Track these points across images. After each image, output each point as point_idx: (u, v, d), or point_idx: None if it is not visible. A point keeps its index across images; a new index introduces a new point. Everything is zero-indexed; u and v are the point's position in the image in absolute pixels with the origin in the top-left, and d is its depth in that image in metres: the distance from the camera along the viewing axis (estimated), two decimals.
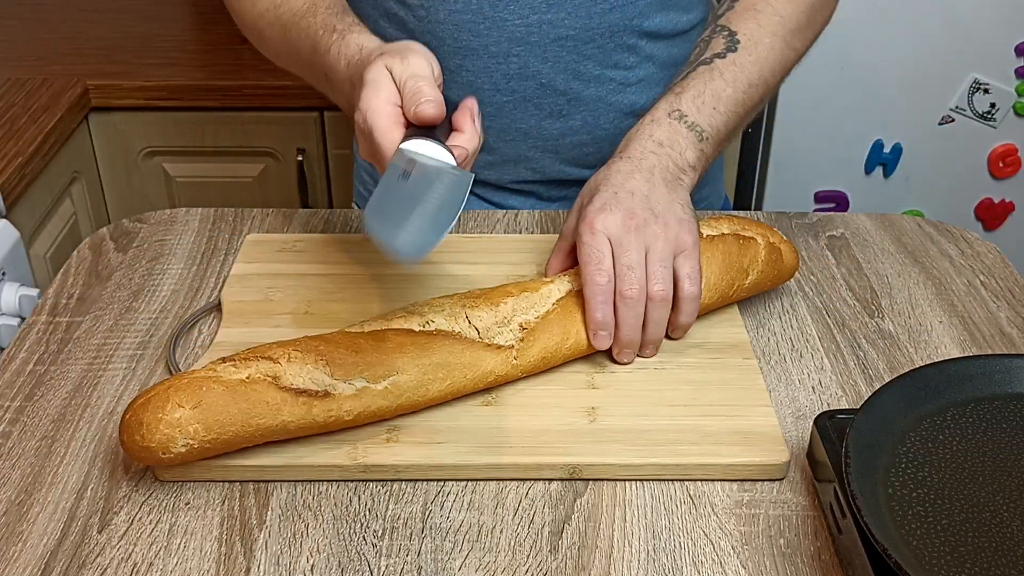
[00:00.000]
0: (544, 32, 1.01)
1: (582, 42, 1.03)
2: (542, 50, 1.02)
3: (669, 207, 0.84)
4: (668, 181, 0.86)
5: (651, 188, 0.85)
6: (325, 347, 0.74)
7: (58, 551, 0.69)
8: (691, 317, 0.84)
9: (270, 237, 1.00)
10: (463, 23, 1.01)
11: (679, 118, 0.89)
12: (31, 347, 0.87)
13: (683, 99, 0.91)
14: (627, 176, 0.86)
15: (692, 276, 0.83)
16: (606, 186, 0.86)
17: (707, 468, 0.74)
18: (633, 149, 0.88)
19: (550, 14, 1.00)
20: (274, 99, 1.66)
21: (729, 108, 0.92)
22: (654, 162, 0.87)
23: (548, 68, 1.03)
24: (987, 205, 1.81)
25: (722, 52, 0.93)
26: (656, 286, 0.82)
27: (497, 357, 0.78)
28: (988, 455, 0.69)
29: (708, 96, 0.91)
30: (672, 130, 0.89)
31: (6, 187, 1.38)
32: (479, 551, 0.69)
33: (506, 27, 1.01)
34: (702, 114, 0.90)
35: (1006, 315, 0.93)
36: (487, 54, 1.03)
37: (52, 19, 1.88)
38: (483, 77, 1.04)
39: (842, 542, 0.68)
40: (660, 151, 0.88)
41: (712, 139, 0.90)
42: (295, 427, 0.72)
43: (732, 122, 0.92)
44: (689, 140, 0.89)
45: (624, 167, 0.87)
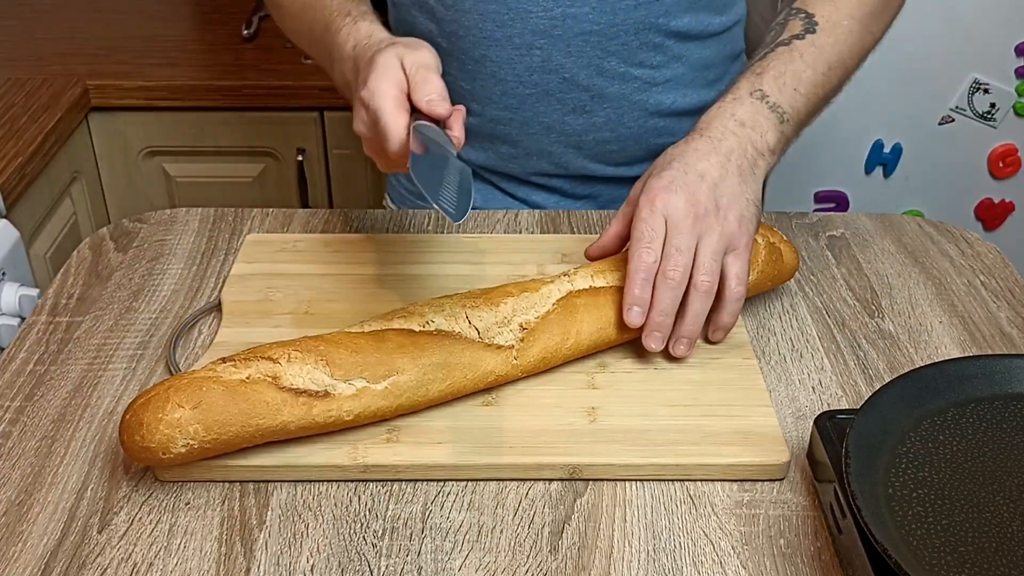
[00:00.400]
0: (568, 26, 1.01)
1: (606, 38, 1.02)
2: (565, 44, 1.02)
3: (735, 200, 0.83)
4: (743, 169, 0.84)
5: (723, 175, 0.83)
6: (325, 347, 0.74)
7: (58, 551, 0.69)
8: (733, 317, 0.84)
9: (270, 237, 1.00)
10: (488, 13, 1.01)
11: (761, 98, 0.88)
12: (31, 347, 0.87)
13: (764, 79, 0.89)
14: (702, 156, 0.84)
15: (740, 276, 0.82)
16: (679, 163, 0.84)
17: (707, 468, 0.74)
18: (714, 128, 0.86)
19: (574, 8, 1.00)
20: (274, 99, 1.66)
21: (809, 90, 0.90)
22: (733, 144, 0.85)
23: (571, 62, 1.03)
24: (987, 205, 1.81)
25: (800, 34, 0.92)
26: (702, 276, 0.81)
27: (497, 357, 0.78)
28: (988, 455, 0.69)
29: (789, 77, 0.89)
30: (754, 109, 0.87)
31: (6, 187, 1.38)
32: (479, 551, 0.69)
33: (530, 19, 1.01)
34: (784, 95, 0.88)
35: (1006, 315, 0.93)
36: (511, 45, 1.03)
37: (52, 19, 1.88)
38: (506, 68, 1.04)
39: (842, 542, 0.68)
40: (741, 132, 0.86)
41: (793, 121, 0.89)
42: (295, 427, 0.72)
43: (812, 104, 0.91)
44: (771, 121, 0.87)
45: (702, 146, 0.85)
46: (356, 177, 1.76)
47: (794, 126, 0.90)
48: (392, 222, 1.05)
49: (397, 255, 0.98)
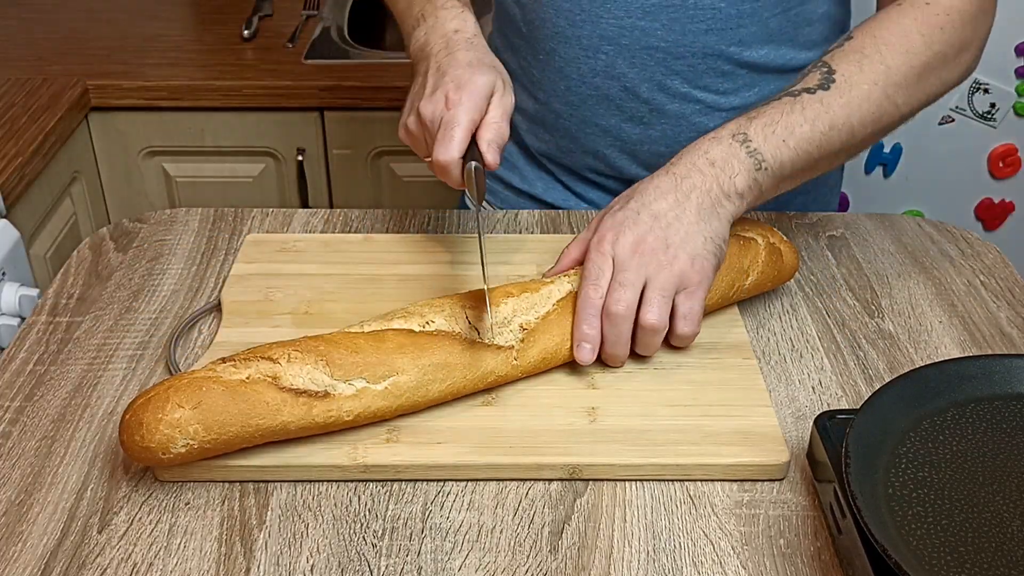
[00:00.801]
0: (635, 38, 1.01)
1: (672, 56, 1.02)
2: (631, 54, 1.02)
3: (688, 239, 0.82)
4: (702, 208, 0.83)
5: (679, 214, 0.83)
6: (325, 347, 0.74)
7: (58, 551, 0.69)
8: (683, 344, 0.84)
9: (270, 237, 1.00)
10: (562, 10, 1.02)
11: (742, 141, 0.85)
12: (31, 347, 0.87)
13: (753, 124, 0.86)
14: (660, 195, 0.84)
15: (688, 316, 0.82)
16: (636, 201, 0.84)
17: (707, 468, 0.74)
18: (681, 164, 0.85)
19: (644, 21, 1.00)
20: (274, 99, 1.66)
21: (800, 145, 0.85)
22: (696, 182, 0.84)
23: (634, 73, 1.03)
24: (987, 205, 1.81)
25: (812, 88, 0.88)
26: (649, 314, 0.80)
27: (497, 357, 0.78)
28: (988, 455, 0.69)
29: (780, 127, 0.85)
30: (730, 151, 0.85)
31: (6, 187, 1.38)
32: (479, 551, 0.69)
33: (600, 23, 1.01)
34: (768, 143, 0.85)
35: (1006, 315, 0.93)
36: (579, 45, 1.03)
37: (52, 19, 1.88)
38: (572, 66, 1.05)
39: (842, 542, 0.68)
40: (708, 171, 0.84)
41: (772, 172, 0.85)
42: (295, 427, 0.72)
43: (801, 160, 0.86)
44: (745, 165, 0.84)
45: (663, 184, 0.84)
46: (356, 177, 1.76)
47: (773, 177, 0.85)
48: (392, 222, 1.05)
49: (397, 255, 0.98)
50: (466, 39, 0.92)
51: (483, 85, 0.87)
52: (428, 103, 0.87)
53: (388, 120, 1.68)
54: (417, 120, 0.89)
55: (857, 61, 0.89)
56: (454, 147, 0.84)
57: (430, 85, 0.89)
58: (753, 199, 0.86)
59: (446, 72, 0.88)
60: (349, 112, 1.68)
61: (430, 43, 0.93)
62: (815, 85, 0.88)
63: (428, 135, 0.88)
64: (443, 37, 0.92)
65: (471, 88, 0.86)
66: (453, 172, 0.85)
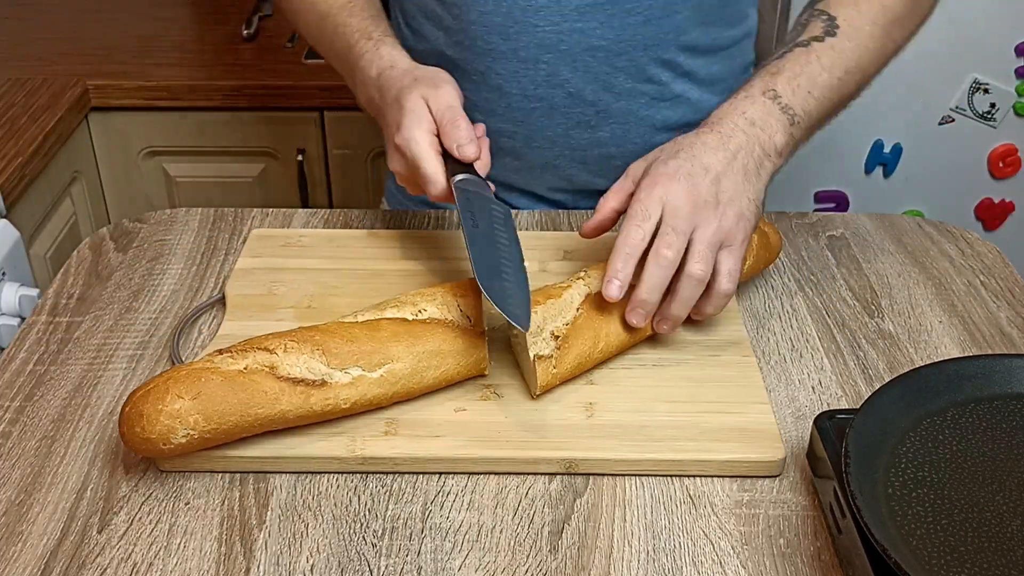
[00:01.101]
0: (575, 41, 1.00)
1: (614, 54, 1.01)
2: (572, 59, 1.01)
3: (736, 197, 0.82)
4: (748, 168, 0.84)
5: (727, 171, 0.83)
6: (321, 337, 0.75)
7: (58, 551, 0.69)
8: (717, 310, 0.84)
9: (275, 232, 1.01)
10: (493, 25, 1.00)
11: (773, 98, 0.86)
12: (31, 347, 0.87)
13: (779, 80, 0.87)
14: (710, 150, 0.83)
15: (731, 273, 0.82)
16: (686, 153, 0.83)
17: (704, 464, 0.74)
18: (725, 124, 0.85)
19: (581, 23, 0.99)
20: (274, 99, 1.66)
21: (824, 94, 0.89)
22: (741, 142, 0.84)
23: (578, 77, 1.02)
24: (987, 205, 1.81)
25: (820, 36, 0.90)
26: (697, 265, 0.80)
27: (539, 367, 0.77)
28: (988, 455, 0.69)
29: (804, 79, 0.88)
30: (765, 109, 0.86)
31: (6, 187, 1.38)
32: (479, 551, 0.69)
33: (536, 33, 1.00)
34: (796, 97, 0.87)
35: (1006, 315, 0.93)
36: (516, 59, 1.02)
37: (52, 19, 1.88)
38: (511, 82, 1.03)
39: (842, 542, 0.68)
40: (750, 130, 0.85)
41: (804, 124, 0.88)
42: (293, 416, 0.73)
43: (825, 108, 0.89)
44: (781, 123, 0.86)
45: (711, 140, 0.84)
46: (356, 177, 1.76)
47: (805, 129, 0.88)
48: (392, 222, 1.06)
49: (400, 251, 0.98)
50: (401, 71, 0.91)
51: (414, 100, 0.86)
52: (391, 160, 0.89)
53: None
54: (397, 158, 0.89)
55: (854, 4, 0.93)
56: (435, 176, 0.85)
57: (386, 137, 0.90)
58: (789, 154, 0.88)
59: (385, 116, 0.90)
60: (349, 112, 1.68)
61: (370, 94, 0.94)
62: (821, 33, 0.91)
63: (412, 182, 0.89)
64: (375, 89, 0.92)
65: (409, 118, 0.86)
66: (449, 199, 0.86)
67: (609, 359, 0.83)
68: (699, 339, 0.86)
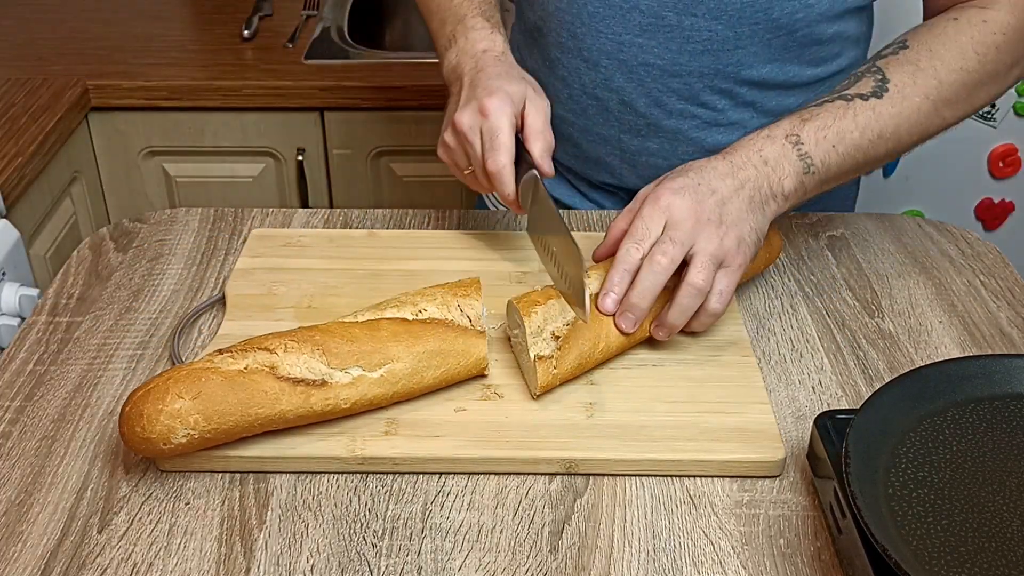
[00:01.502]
0: (632, 54, 1.01)
1: (668, 75, 1.02)
2: (628, 69, 1.02)
3: (739, 222, 0.83)
4: (753, 200, 0.84)
5: (733, 197, 0.83)
6: (321, 337, 0.75)
7: (58, 551, 0.69)
8: (704, 327, 0.85)
9: (275, 232, 1.01)
10: (564, 21, 1.03)
11: (795, 143, 0.86)
12: (31, 347, 0.87)
13: (807, 126, 0.87)
14: (719, 176, 0.84)
15: (722, 294, 0.82)
16: (695, 173, 0.84)
17: (703, 464, 0.74)
18: (738, 155, 0.86)
19: (641, 39, 1.00)
20: (274, 99, 1.66)
21: (848, 151, 0.87)
22: (750, 175, 0.85)
23: (632, 88, 1.03)
24: (987, 205, 1.81)
25: (866, 95, 0.88)
26: (699, 274, 0.81)
27: (539, 367, 0.77)
28: (988, 455, 0.69)
29: (832, 132, 0.87)
30: (782, 152, 0.86)
31: (6, 187, 1.38)
32: (479, 551, 0.69)
33: (599, 37, 1.02)
34: (819, 148, 0.86)
35: (1006, 315, 0.93)
36: (579, 57, 1.04)
37: (52, 19, 1.88)
38: (574, 76, 1.05)
39: (842, 542, 0.68)
40: (762, 168, 0.85)
41: (819, 175, 0.87)
42: (294, 416, 0.73)
43: (847, 165, 0.88)
44: (795, 168, 0.85)
45: (721, 167, 0.85)
46: (356, 177, 1.76)
47: (819, 181, 0.87)
48: (392, 222, 1.06)
49: (400, 251, 0.98)
50: (495, 56, 0.95)
51: (514, 92, 0.90)
52: (463, 114, 0.89)
53: (388, 120, 1.68)
54: (453, 132, 0.91)
55: (912, 73, 0.89)
56: (503, 153, 0.87)
57: (463, 99, 0.91)
58: (797, 200, 0.87)
59: (477, 85, 0.91)
60: (349, 112, 1.68)
61: (461, 64, 0.95)
62: (868, 92, 0.88)
63: (468, 145, 0.90)
64: (473, 57, 0.95)
65: (502, 95, 0.89)
66: (507, 179, 0.87)
67: (610, 359, 0.83)
68: (699, 339, 0.86)
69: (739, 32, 0.98)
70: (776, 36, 0.99)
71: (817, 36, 1.01)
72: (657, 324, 0.83)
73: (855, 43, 1.06)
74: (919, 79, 0.89)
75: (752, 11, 0.97)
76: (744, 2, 0.96)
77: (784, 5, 0.97)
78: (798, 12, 0.97)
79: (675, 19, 0.98)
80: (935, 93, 0.89)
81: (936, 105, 0.89)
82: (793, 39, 1.00)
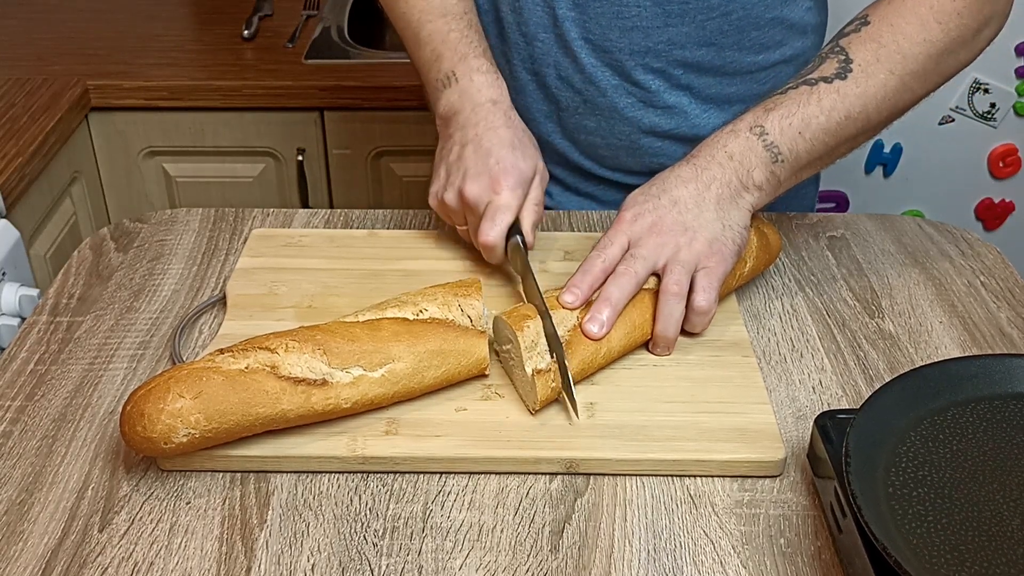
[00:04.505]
0: (567, 28, 1.01)
1: (601, 51, 1.02)
2: (563, 44, 1.02)
3: (707, 224, 0.84)
4: (722, 198, 0.85)
5: (698, 201, 0.85)
6: (322, 336, 0.75)
7: (59, 550, 0.69)
8: (699, 326, 0.85)
9: (276, 232, 1.01)
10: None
11: (760, 134, 0.86)
12: (31, 347, 0.87)
13: (770, 116, 0.87)
14: (681, 183, 0.86)
15: (706, 289, 0.83)
16: (656, 188, 0.86)
17: (704, 464, 0.75)
18: (702, 156, 0.87)
19: (574, 12, 1.00)
20: (274, 99, 1.66)
21: (817, 136, 0.87)
22: (716, 174, 0.86)
23: (567, 63, 1.03)
24: (987, 205, 1.81)
25: (829, 77, 0.88)
26: (670, 280, 0.82)
27: (539, 381, 0.77)
28: (988, 455, 0.69)
29: (797, 119, 0.86)
30: (747, 145, 0.86)
31: (6, 187, 1.38)
32: (480, 551, 0.69)
33: (536, 11, 1.02)
34: (785, 136, 0.86)
35: (1006, 315, 0.93)
36: (519, 31, 1.04)
37: (52, 19, 1.88)
38: (513, 51, 1.06)
39: (842, 541, 0.68)
40: (728, 164, 0.86)
41: (789, 163, 0.87)
42: (294, 415, 0.73)
43: (817, 150, 0.88)
44: (761, 159, 0.86)
45: (684, 173, 0.86)
46: (356, 177, 1.76)
47: (790, 168, 0.87)
48: (392, 222, 1.06)
49: (400, 251, 0.98)
50: (504, 112, 0.94)
51: (528, 170, 0.90)
52: (473, 184, 0.89)
53: (388, 120, 1.69)
54: (459, 199, 0.91)
55: (875, 50, 0.88)
56: (502, 231, 0.88)
57: (472, 165, 0.90)
58: (772, 189, 0.88)
59: (490, 152, 0.90)
60: (349, 112, 1.68)
61: (464, 111, 0.94)
62: (832, 74, 0.88)
63: (469, 213, 0.91)
64: (480, 107, 0.93)
65: (517, 174, 0.89)
66: (498, 252, 0.89)
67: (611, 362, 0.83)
68: (700, 339, 0.86)
69: (668, 10, 0.99)
70: (709, 18, 0.99)
71: (754, 20, 1.01)
72: (652, 342, 0.84)
73: (801, 32, 1.05)
74: (883, 55, 0.88)
75: None
76: None
77: None
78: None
79: None
80: (900, 68, 0.88)
81: (903, 79, 0.89)
82: (728, 22, 1.00)
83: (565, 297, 0.82)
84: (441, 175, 0.93)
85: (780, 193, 0.89)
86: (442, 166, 0.94)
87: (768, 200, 0.88)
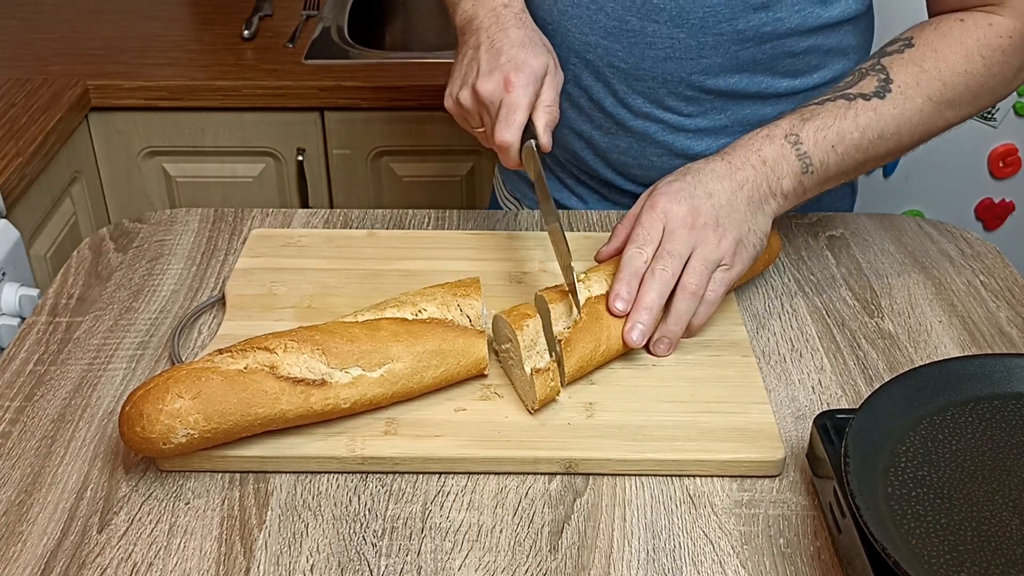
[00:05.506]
0: (598, 55, 1.02)
1: (633, 77, 1.02)
2: (596, 70, 1.03)
3: (737, 224, 0.84)
4: (752, 200, 0.85)
5: (732, 199, 0.85)
6: (321, 337, 0.75)
7: (58, 551, 0.69)
8: (701, 319, 0.85)
9: (275, 232, 1.01)
10: (539, 16, 1.03)
11: (794, 143, 0.87)
12: (31, 347, 0.87)
13: (807, 126, 0.87)
14: (716, 178, 0.85)
15: (718, 283, 0.84)
16: (692, 177, 0.86)
17: (703, 464, 0.74)
18: (736, 155, 0.87)
19: (607, 41, 1.00)
20: (274, 99, 1.66)
21: (848, 151, 0.87)
22: (749, 175, 0.86)
23: (599, 88, 1.04)
24: (987, 205, 1.81)
25: (868, 94, 0.88)
26: (690, 278, 0.82)
27: (537, 381, 0.77)
28: (988, 455, 0.69)
29: (832, 132, 0.87)
30: (781, 152, 0.86)
31: (6, 187, 1.38)
32: (479, 551, 0.69)
33: (568, 36, 1.02)
34: (818, 148, 0.87)
35: (1006, 315, 0.93)
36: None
37: (52, 19, 1.88)
38: None
39: (842, 542, 0.68)
40: (760, 168, 0.86)
41: (818, 175, 0.87)
42: (294, 416, 0.73)
43: (847, 165, 0.88)
44: (793, 168, 0.86)
45: (719, 168, 0.86)
46: (356, 177, 1.76)
47: (818, 180, 0.88)
48: (392, 222, 1.06)
49: (400, 251, 0.98)
50: (515, 15, 0.94)
51: (539, 67, 0.90)
52: (487, 82, 0.89)
53: (388, 120, 1.68)
54: (472, 96, 0.90)
55: (916, 74, 0.89)
56: (516, 130, 0.87)
57: (485, 63, 0.90)
58: (796, 199, 0.88)
59: (501, 51, 0.90)
60: (349, 112, 1.68)
61: (479, 16, 0.95)
62: (871, 92, 0.88)
63: (484, 112, 0.90)
64: (492, 11, 0.95)
65: (528, 71, 0.89)
66: (513, 153, 0.88)
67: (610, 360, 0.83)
68: (699, 339, 0.86)
69: (702, 41, 0.98)
70: (743, 48, 0.99)
71: (788, 49, 1.00)
72: (657, 338, 0.84)
73: (841, 55, 1.04)
74: (923, 80, 0.88)
75: (715, 21, 0.96)
76: (707, 12, 0.96)
77: (750, 18, 0.96)
78: (765, 26, 0.97)
79: (638, 24, 0.98)
80: (938, 95, 0.89)
81: (939, 107, 0.89)
82: (762, 51, 0.99)
83: (616, 307, 0.82)
84: (456, 77, 0.94)
85: (801, 203, 0.89)
86: (457, 69, 0.95)
87: (789, 208, 0.88)
